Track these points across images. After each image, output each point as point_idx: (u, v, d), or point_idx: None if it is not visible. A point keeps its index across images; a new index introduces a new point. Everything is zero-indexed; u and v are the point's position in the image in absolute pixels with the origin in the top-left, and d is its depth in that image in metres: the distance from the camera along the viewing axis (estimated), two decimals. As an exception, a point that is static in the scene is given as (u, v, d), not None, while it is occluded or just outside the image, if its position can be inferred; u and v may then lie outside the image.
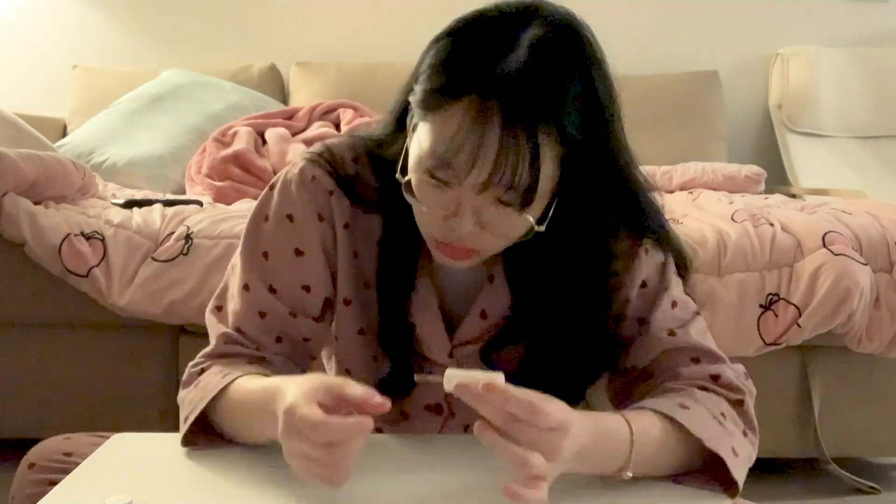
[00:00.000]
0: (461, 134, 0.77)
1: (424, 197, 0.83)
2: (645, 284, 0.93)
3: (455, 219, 0.82)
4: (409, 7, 3.27)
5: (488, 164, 0.77)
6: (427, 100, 0.80)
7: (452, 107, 0.78)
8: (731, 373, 0.91)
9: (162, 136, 2.78)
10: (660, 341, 0.91)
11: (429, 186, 0.82)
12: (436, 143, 0.79)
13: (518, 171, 0.77)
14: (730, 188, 2.59)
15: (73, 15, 3.29)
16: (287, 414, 0.73)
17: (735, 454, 0.83)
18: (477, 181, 0.78)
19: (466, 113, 0.77)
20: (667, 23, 3.33)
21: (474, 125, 0.76)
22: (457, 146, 0.77)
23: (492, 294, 0.94)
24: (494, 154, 0.76)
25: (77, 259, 1.79)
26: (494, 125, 0.76)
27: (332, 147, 0.96)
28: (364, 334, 0.97)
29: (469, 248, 0.85)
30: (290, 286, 0.94)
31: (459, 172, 0.78)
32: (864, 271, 1.77)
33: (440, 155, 0.79)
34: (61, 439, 0.95)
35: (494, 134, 0.76)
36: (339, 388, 0.76)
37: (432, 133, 0.80)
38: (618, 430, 0.80)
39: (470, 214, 0.81)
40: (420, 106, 0.81)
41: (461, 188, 0.80)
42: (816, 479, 1.98)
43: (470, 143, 0.77)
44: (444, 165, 0.79)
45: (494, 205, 0.80)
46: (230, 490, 0.80)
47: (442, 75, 0.79)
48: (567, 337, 0.91)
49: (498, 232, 0.84)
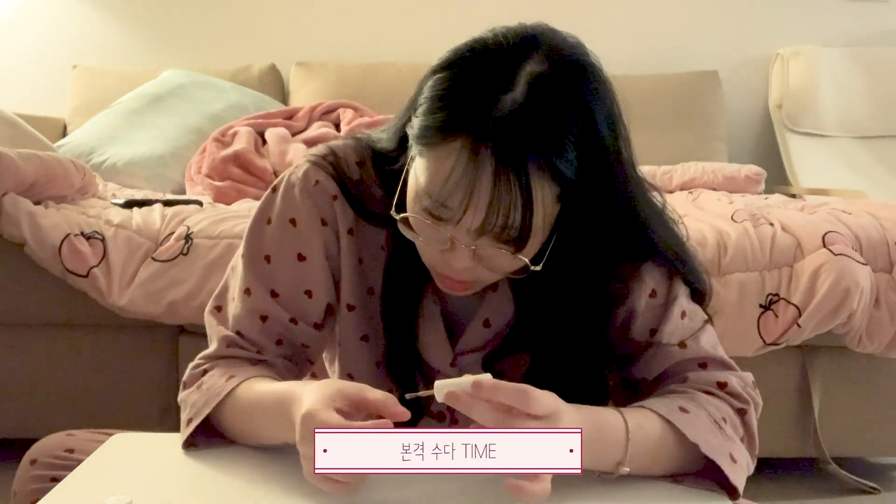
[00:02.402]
0: (455, 176, 0.76)
1: (421, 232, 0.83)
2: (654, 294, 0.92)
3: (451, 254, 0.82)
4: (409, 7, 3.27)
5: (481, 209, 0.76)
6: (423, 136, 0.79)
7: (448, 145, 0.77)
8: (737, 382, 0.90)
9: (162, 136, 2.78)
10: (670, 354, 0.91)
11: (426, 224, 0.81)
12: (431, 182, 0.79)
13: (511, 215, 0.76)
14: (730, 188, 2.59)
15: (73, 15, 3.29)
16: (305, 419, 0.73)
17: (733, 460, 0.83)
18: (471, 226, 0.78)
19: (461, 154, 0.76)
20: (667, 23, 3.33)
21: (468, 168, 0.75)
22: (451, 188, 0.77)
23: (495, 303, 0.94)
24: (487, 199, 0.76)
25: (77, 259, 1.79)
26: (487, 168, 0.75)
27: (336, 150, 0.95)
28: (367, 341, 0.97)
29: (467, 282, 0.86)
30: (292, 291, 0.94)
31: (454, 214, 0.78)
32: (864, 271, 1.77)
33: (435, 195, 0.78)
34: (63, 436, 0.95)
35: (487, 178, 0.75)
36: (358, 392, 0.76)
37: (428, 171, 0.79)
38: (612, 423, 0.80)
39: (466, 251, 0.81)
40: (417, 141, 0.80)
41: (458, 225, 0.79)
42: (816, 479, 1.98)
43: (463, 186, 0.76)
44: (439, 206, 0.79)
45: (490, 244, 0.80)
46: (230, 490, 0.80)
47: (438, 113, 0.78)
48: (571, 346, 0.90)
49: (494, 268, 0.83)
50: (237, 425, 0.88)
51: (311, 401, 0.75)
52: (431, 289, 0.93)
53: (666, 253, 0.91)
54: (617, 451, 0.80)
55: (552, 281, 0.87)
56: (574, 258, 0.86)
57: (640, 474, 0.82)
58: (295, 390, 0.80)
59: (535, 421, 0.72)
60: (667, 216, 0.93)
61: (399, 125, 0.89)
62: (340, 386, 0.77)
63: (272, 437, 0.85)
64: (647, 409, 0.84)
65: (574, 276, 0.87)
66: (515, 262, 0.82)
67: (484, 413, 0.72)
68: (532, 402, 0.72)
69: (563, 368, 0.91)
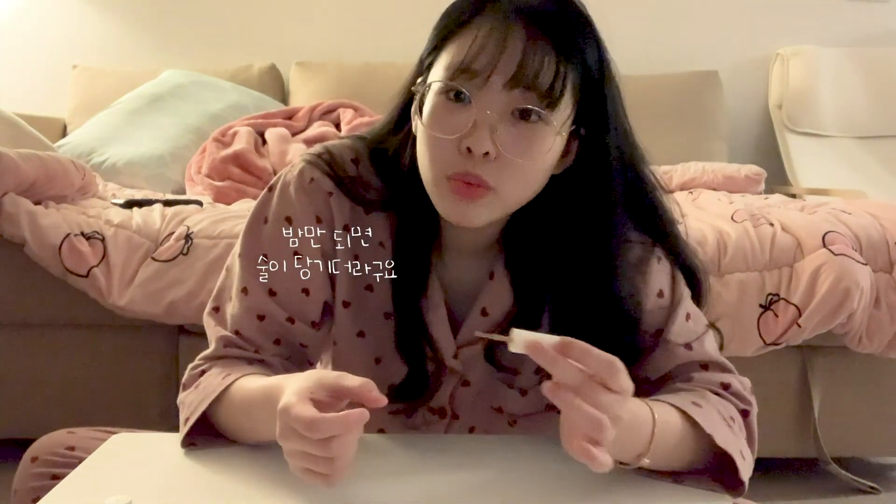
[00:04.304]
0: (482, 37, 0.79)
1: (439, 121, 0.83)
2: (661, 294, 0.92)
3: (471, 139, 0.81)
4: (409, 7, 3.27)
5: (512, 61, 0.78)
6: (449, 23, 0.83)
7: (473, 23, 0.80)
8: (738, 384, 0.91)
9: (162, 136, 2.78)
10: (676, 354, 0.91)
11: (444, 110, 0.82)
12: (456, 55, 0.81)
13: (541, 71, 0.79)
14: (730, 188, 2.59)
15: (73, 15, 3.29)
16: (282, 414, 0.73)
17: (743, 457, 0.84)
18: (505, 77, 0.79)
19: (491, 20, 0.79)
20: (667, 23, 3.33)
21: (498, 29, 0.79)
22: (478, 47, 0.79)
23: (492, 291, 0.94)
24: (520, 53, 0.78)
25: (77, 259, 1.79)
26: (519, 28, 0.79)
27: (331, 148, 0.96)
28: (364, 336, 0.97)
29: (483, 180, 0.82)
30: (290, 289, 0.94)
31: (484, 71, 0.79)
32: (864, 271, 1.77)
33: (460, 63, 0.80)
34: (64, 433, 0.95)
35: (519, 34, 0.79)
36: (336, 380, 0.76)
37: (451, 51, 0.82)
38: (641, 415, 0.79)
39: (487, 131, 0.80)
40: (439, 35, 0.84)
41: (481, 97, 0.80)
42: (816, 479, 1.98)
43: (493, 42, 0.79)
44: (464, 72, 0.80)
45: (512, 122, 0.81)
46: (230, 490, 0.80)
47: (456, 7, 0.83)
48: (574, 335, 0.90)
49: (514, 159, 0.82)
50: (233, 423, 0.88)
51: (288, 394, 0.74)
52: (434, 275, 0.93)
53: (665, 228, 0.92)
54: (641, 443, 0.79)
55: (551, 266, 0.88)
56: (579, 215, 0.87)
57: (656, 468, 0.82)
58: (280, 383, 0.80)
59: (613, 396, 0.71)
60: (661, 192, 0.94)
61: (400, 96, 0.91)
62: (319, 376, 0.77)
63: (265, 433, 0.84)
64: (665, 402, 0.84)
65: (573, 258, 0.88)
66: (538, 148, 0.82)
67: (568, 371, 0.71)
68: (617, 376, 0.72)
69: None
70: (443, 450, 0.92)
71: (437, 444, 0.94)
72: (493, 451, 0.90)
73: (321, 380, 0.76)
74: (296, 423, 0.72)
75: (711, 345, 0.94)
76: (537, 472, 0.84)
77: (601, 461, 0.70)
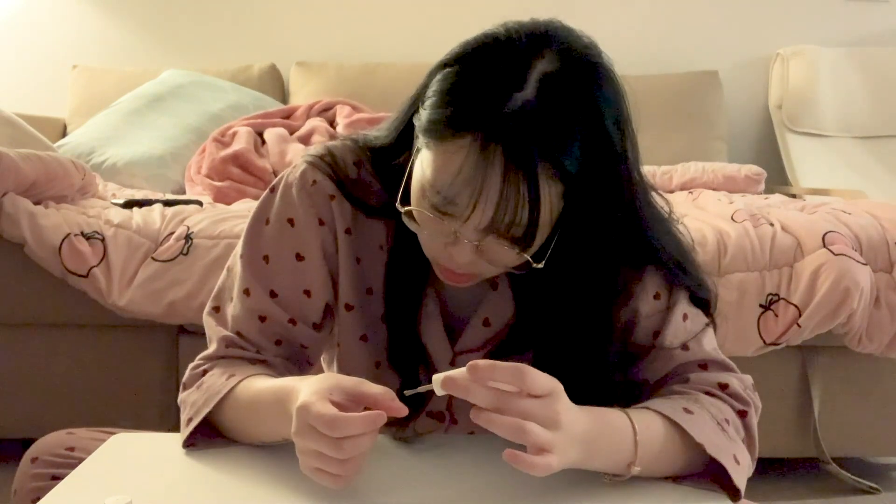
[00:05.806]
0: (464, 174, 0.76)
1: (426, 226, 0.83)
2: (658, 296, 0.91)
3: (454, 248, 0.82)
4: (409, 7, 3.27)
5: (490, 207, 0.76)
6: (431, 129, 0.79)
7: (456, 141, 0.76)
8: (738, 384, 0.90)
9: (162, 136, 2.78)
10: (673, 357, 0.91)
11: (430, 217, 0.81)
12: (438, 177, 0.78)
13: (518, 214, 0.76)
14: (730, 188, 2.59)
15: (73, 15, 3.29)
16: (301, 411, 0.73)
17: (737, 462, 0.83)
18: (478, 224, 0.78)
19: (470, 151, 0.75)
20: (667, 23, 3.33)
21: (478, 166, 0.75)
22: (459, 186, 0.76)
23: (495, 302, 0.94)
24: (496, 198, 0.76)
25: (77, 259, 1.79)
26: (497, 167, 0.75)
27: (332, 149, 0.95)
28: (366, 340, 0.97)
29: (471, 273, 0.85)
30: (291, 291, 0.94)
31: (462, 211, 0.78)
32: (864, 271, 1.77)
33: (444, 192, 0.78)
34: (64, 434, 0.95)
35: (497, 177, 0.75)
36: (356, 386, 0.76)
37: (435, 165, 0.79)
38: (619, 424, 0.80)
39: (469, 246, 0.81)
40: (424, 134, 0.80)
41: (463, 225, 0.79)
42: (816, 479, 1.98)
43: (472, 184, 0.76)
44: (446, 202, 0.79)
45: (495, 242, 0.80)
46: (230, 490, 0.80)
47: (447, 107, 0.78)
48: (573, 347, 0.90)
49: (496, 262, 0.83)
50: (237, 423, 0.88)
51: (307, 393, 0.75)
52: (432, 286, 0.93)
53: (666, 260, 0.90)
54: (627, 452, 0.79)
55: (553, 280, 0.87)
56: (575, 257, 0.85)
57: (647, 475, 0.82)
58: (293, 385, 0.80)
59: (533, 401, 0.72)
60: (672, 224, 0.92)
61: (401, 118, 0.89)
62: (338, 380, 0.77)
63: (272, 434, 0.85)
64: (651, 410, 0.84)
65: (575, 275, 0.87)
66: (518, 258, 0.82)
67: (481, 395, 0.72)
68: (530, 380, 0.72)
69: (565, 369, 0.90)
70: (443, 451, 0.92)
71: (437, 445, 0.94)
72: (493, 451, 0.90)
73: (340, 383, 0.76)
74: (316, 420, 0.72)
75: (710, 342, 0.93)
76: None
77: (530, 462, 0.70)
